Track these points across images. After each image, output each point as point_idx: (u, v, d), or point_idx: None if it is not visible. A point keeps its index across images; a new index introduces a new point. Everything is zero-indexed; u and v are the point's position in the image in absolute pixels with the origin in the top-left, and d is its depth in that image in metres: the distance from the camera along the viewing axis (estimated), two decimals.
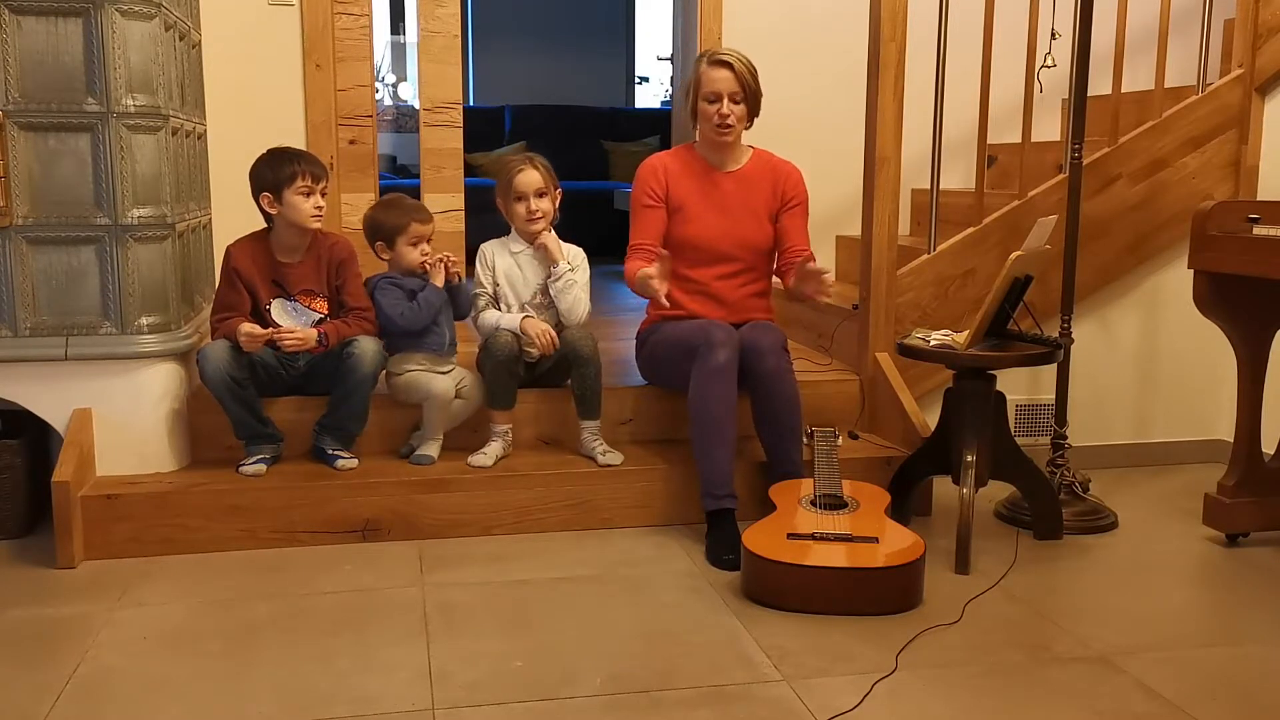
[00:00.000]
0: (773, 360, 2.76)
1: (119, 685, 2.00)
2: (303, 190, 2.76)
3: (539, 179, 2.88)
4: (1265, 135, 3.39)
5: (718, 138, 2.91)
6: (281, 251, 2.85)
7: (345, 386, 2.78)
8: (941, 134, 3.27)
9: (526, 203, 2.87)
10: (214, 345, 2.71)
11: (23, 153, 2.58)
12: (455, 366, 2.96)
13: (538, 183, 2.88)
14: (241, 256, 2.82)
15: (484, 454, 2.86)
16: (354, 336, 2.79)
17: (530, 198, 2.87)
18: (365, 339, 2.79)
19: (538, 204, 2.87)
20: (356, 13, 3.82)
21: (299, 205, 2.76)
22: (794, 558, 2.35)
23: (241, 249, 2.84)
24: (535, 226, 2.88)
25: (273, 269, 2.84)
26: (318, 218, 2.81)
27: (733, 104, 2.86)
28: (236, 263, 2.81)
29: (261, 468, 2.77)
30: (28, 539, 2.75)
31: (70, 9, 2.54)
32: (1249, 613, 2.40)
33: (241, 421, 2.78)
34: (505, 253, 2.95)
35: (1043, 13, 3.28)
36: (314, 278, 2.87)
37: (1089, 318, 3.45)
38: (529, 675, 2.04)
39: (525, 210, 2.87)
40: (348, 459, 2.83)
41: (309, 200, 2.77)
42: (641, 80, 9.00)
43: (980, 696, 1.98)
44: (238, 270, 2.81)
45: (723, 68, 2.87)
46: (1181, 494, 3.20)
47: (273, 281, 2.83)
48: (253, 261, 2.82)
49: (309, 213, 2.78)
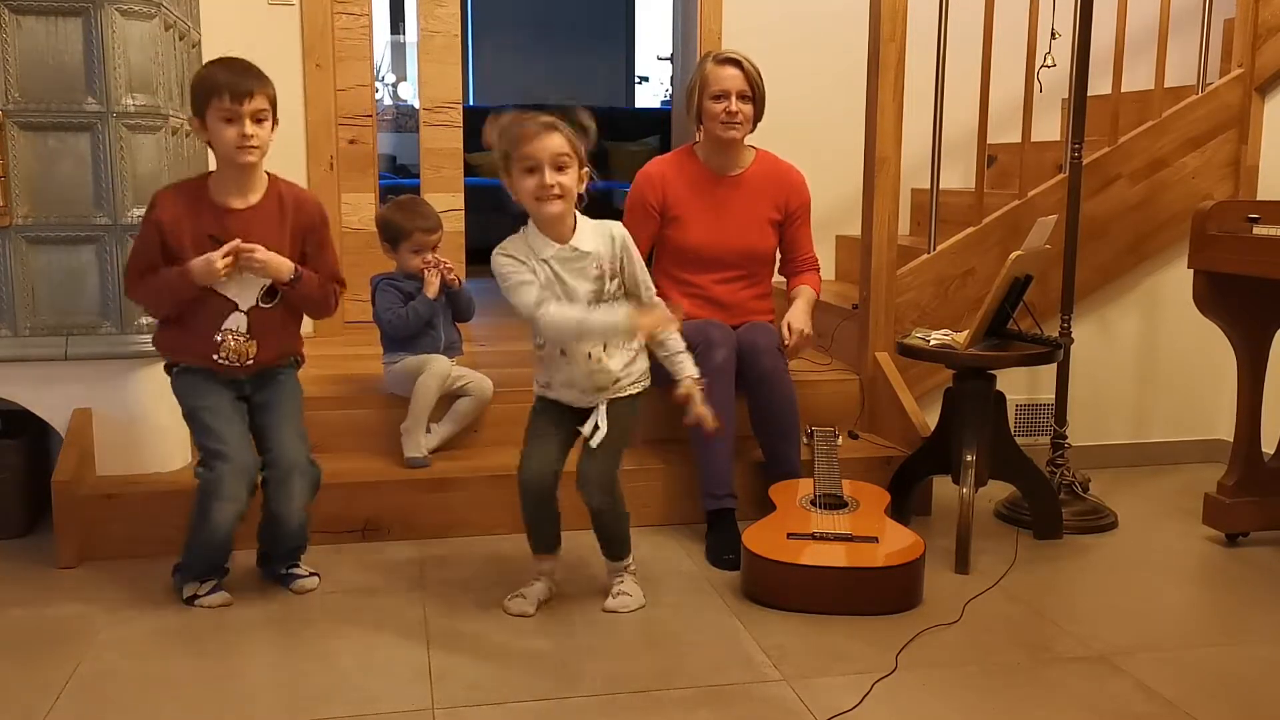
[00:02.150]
0: (769, 360, 2.76)
1: (119, 685, 2.00)
2: (223, 113, 2.17)
3: (560, 143, 2.12)
4: (1265, 135, 3.39)
5: (724, 133, 2.87)
6: (223, 192, 2.27)
7: (277, 529, 2.38)
8: (941, 134, 3.27)
9: (540, 175, 2.14)
10: (219, 512, 2.26)
11: (23, 153, 2.57)
12: (458, 366, 2.97)
13: (557, 149, 2.12)
14: (167, 205, 2.25)
15: (523, 597, 2.34)
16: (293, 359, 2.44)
17: (545, 169, 2.13)
18: (297, 500, 2.35)
19: (555, 178, 2.12)
20: (356, 12, 3.83)
21: (220, 133, 2.19)
22: (794, 557, 2.36)
23: (168, 196, 2.28)
24: (551, 208, 2.15)
25: (213, 218, 2.26)
26: (246, 150, 2.20)
27: (740, 101, 2.85)
28: (160, 213, 2.24)
29: (226, 596, 2.36)
30: (27, 539, 2.75)
31: (70, 9, 2.54)
32: (1249, 613, 2.40)
33: (208, 558, 2.36)
34: (532, 259, 2.19)
35: (1043, 13, 3.29)
36: (271, 231, 2.29)
37: (1089, 317, 3.45)
38: (529, 675, 2.04)
39: (536, 184, 2.13)
40: (306, 578, 2.45)
41: (231, 128, 2.18)
42: (641, 80, 9.00)
43: (980, 696, 1.98)
44: (160, 224, 2.24)
45: (731, 65, 2.86)
46: (1181, 494, 3.20)
47: (209, 238, 2.24)
48: (186, 211, 2.25)
49: (233, 142, 2.19)
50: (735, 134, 2.88)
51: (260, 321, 2.33)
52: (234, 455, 2.28)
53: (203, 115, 2.20)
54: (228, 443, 2.29)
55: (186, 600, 2.35)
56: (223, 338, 2.31)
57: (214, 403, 2.33)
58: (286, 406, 2.40)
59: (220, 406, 2.33)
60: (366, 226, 3.85)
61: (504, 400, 2.97)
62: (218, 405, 2.33)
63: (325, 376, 3.17)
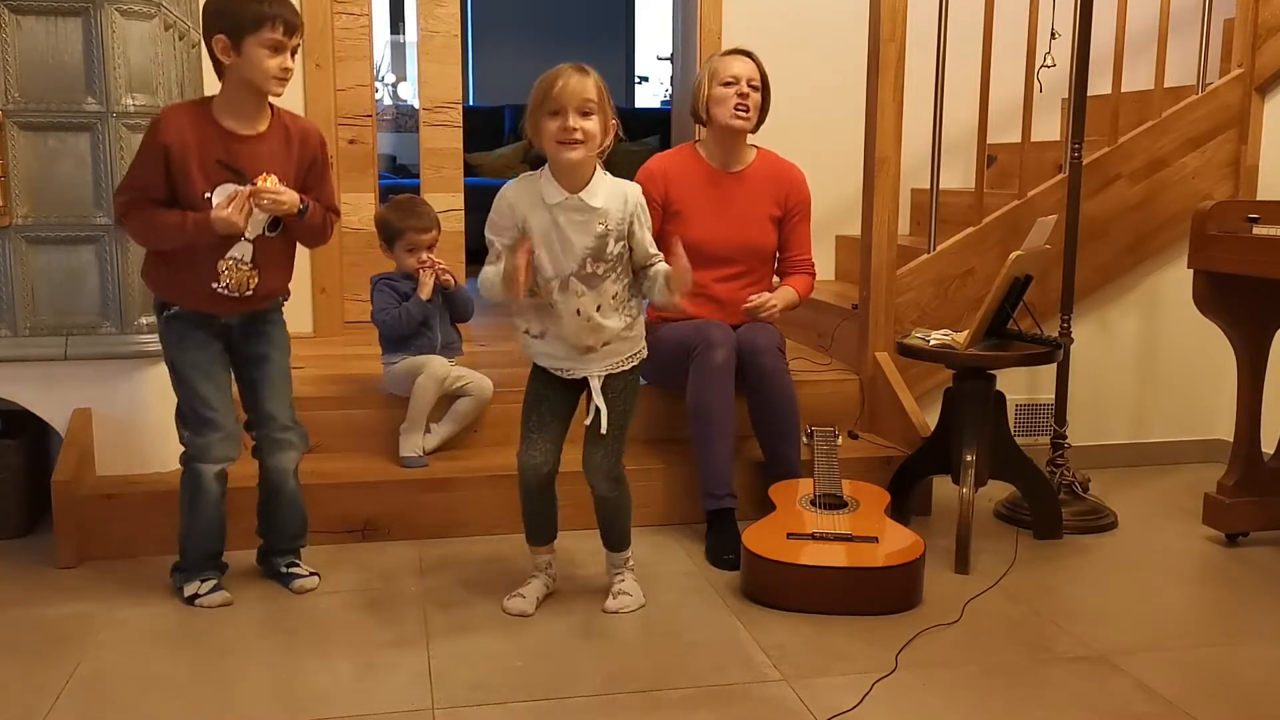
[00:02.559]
0: (769, 360, 2.76)
1: (119, 685, 2.00)
2: (270, 43, 2.12)
3: (588, 88, 2.07)
4: (1265, 135, 3.39)
5: (733, 120, 2.86)
6: (230, 118, 2.20)
7: (275, 501, 2.44)
8: (941, 134, 3.27)
9: (564, 119, 2.06)
10: (208, 474, 2.32)
11: (23, 153, 2.57)
12: (458, 367, 2.97)
13: (584, 93, 2.07)
14: (174, 127, 2.15)
15: (522, 596, 2.34)
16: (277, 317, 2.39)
17: (569, 112, 2.06)
18: (292, 452, 2.42)
19: (579, 122, 2.06)
20: (356, 12, 3.82)
21: (260, 61, 2.12)
22: (794, 557, 2.36)
23: (176, 117, 2.17)
24: (570, 153, 2.08)
25: (221, 144, 2.18)
26: (282, 81, 2.17)
27: (751, 88, 2.85)
28: (167, 135, 2.13)
29: (226, 595, 2.36)
30: (27, 539, 2.75)
31: (70, 9, 2.54)
32: (1249, 613, 2.40)
33: (203, 542, 2.37)
34: (539, 205, 2.13)
35: (1043, 12, 3.29)
36: (280, 160, 2.23)
37: (1088, 317, 3.45)
38: (529, 675, 2.04)
39: (559, 127, 2.07)
40: (306, 577, 2.46)
41: (275, 58, 2.13)
42: (641, 80, 9.00)
43: (980, 696, 1.98)
44: (168, 146, 2.13)
45: (743, 56, 2.88)
46: (1181, 494, 3.20)
47: (217, 163, 2.17)
48: (194, 134, 2.16)
49: (272, 73, 2.14)
50: (744, 123, 2.88)
51: (264, 251, 2.29)
52: (224, 423, 2.31)
53: (239, 39, 2.11)
54: (217, 409, 2.30)
55: (186, 600, 2.35)
56: (226, 267, 2.25)
57: (203, 361, 2.31)
58: (279, 364, 2.41)
59: (209, 367, 2.31)
60: (366, 226, 3.84)
61: (504, 400, 2.97)
62: (207, 365, 2.31)
63: (325, 376, 3.17)
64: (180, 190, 2.18)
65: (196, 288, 2.26)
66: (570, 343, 2.21)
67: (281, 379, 2.42)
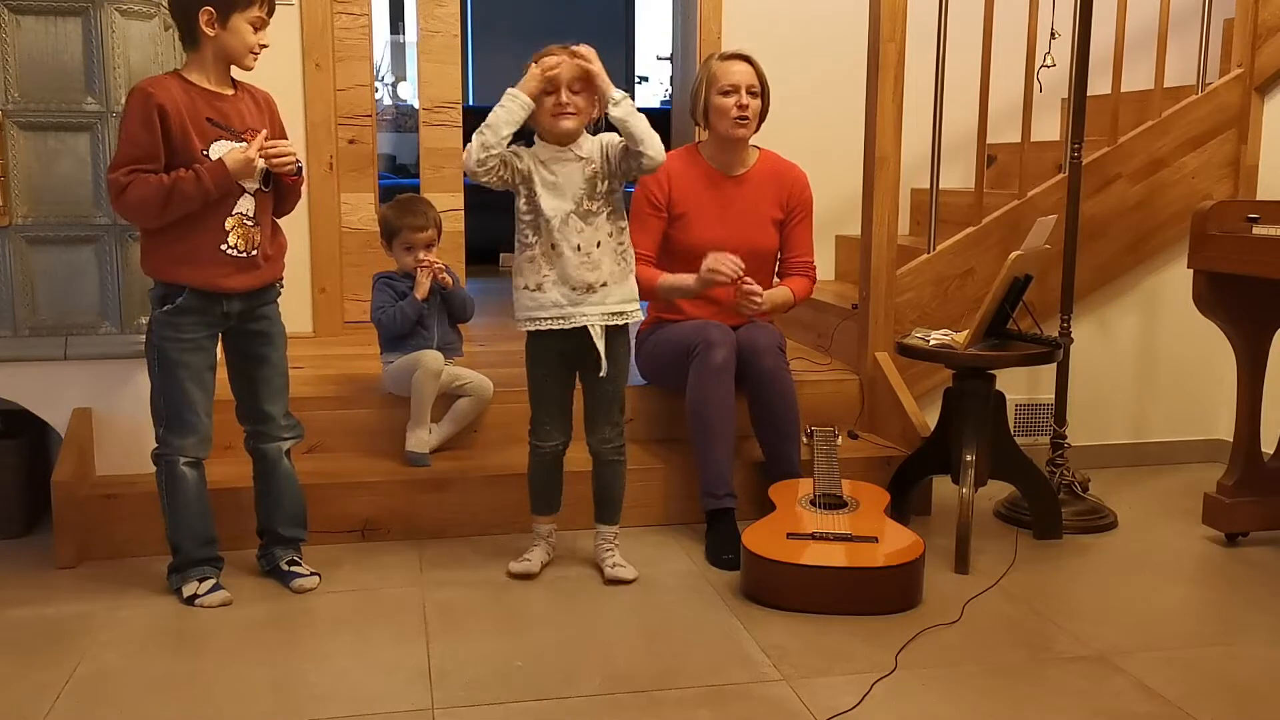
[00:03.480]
0: (769, 360, 2.76)
1: (119, 685, 2.00)
2: (256, 20, 2.25)
3: (578, 70, 2.33)
4: (1265, 135, 3.39)
5: (734, 131, 2.86)
6: (205, 84, 2.28)
7: (272, 481, 2.48)
8: (941, 134, 3.27)
9: (558, 94, 2.33)
10: (190, 475, 2.37)
11: (22, 152, 2.57)
12: (458, 367, 2.97)
13: (573, 73, 2.33)
14: (163, 89, 2.21)
15: (527, 559, 2.53)
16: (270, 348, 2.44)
17: (563, 89, 2.33)
18: (287, 441, 2.49)
19: (570, 98, 2.33)
20: (356, 12, 3.82)
21: (245, 36, 2.25)
22: (794, 557, 2.36)
23: (160, 81, 2.25)
24: (564, 123, 2.34)
25: (206, 103, 2.25)
26: (256, 57, 2.29)
27: (750, 96, 2.85)
28: (161, 96, 2.19)
29: (226, 594, 2.37)
30: (27, 539, 2.75)
31: (70, 9, 2.54)
32: (1249, 613, 2.40)
33: (194, 534, 2.39)
34: (535, 164, 2.38)
35: (1043, 12, 3.28)
36: (257, 120, 2.35)
37: (1088, 317, 3.45)
38: (529, 675, 2.04)
39: (554, 102, 2.33)
40: (307, 577, 2.46)
41: (256, 35, 2.27)
42: (641, 80, 9.00)
43: (980, 696, 1.98)
44: (163, 106, 2.19)
45: (740, 61, 2.87)
46: (1181, 494, 3.20)
47: (207, 120, 2.25)
48: (182, 97, 2.23)
49: (251, 47, 2.27)
50: (744, 131, 2.88)
51: (262, 206, 2.34)
52: (202, 427, 2.36)
53: (228, 13, 2.21)
54: (200, 415, 2.35)
55: (186, 600, 2.35)
56: (233, 224, 2.28)
57: (196, 364, 2.33)
58: (278, 365, 2.46)
59: (202, 372, 2.35)
60: (366, 226, 3.85)
61: (504, 400, 2.97)
62: (199, 370, 2.34)
63: (325, 376, 3.17)
64: (179, 150, 2.22)
65: (206, 253, 2.28)
66: (572, 281, 2.37)
67: (280, 380, 2.47)
